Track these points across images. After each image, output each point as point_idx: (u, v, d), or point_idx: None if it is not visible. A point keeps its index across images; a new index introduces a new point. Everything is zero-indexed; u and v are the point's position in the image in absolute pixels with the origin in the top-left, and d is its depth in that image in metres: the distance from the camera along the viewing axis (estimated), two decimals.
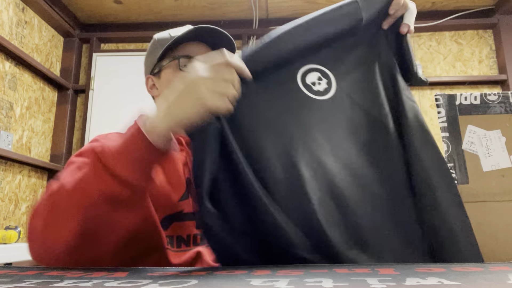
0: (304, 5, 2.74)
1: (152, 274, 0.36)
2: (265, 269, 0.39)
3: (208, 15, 2.89)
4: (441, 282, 0.30)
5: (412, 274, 0.34)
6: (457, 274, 0.33)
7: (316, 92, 0.60)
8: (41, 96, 2.61)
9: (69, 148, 2.78)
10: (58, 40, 2.84)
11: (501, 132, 0.51)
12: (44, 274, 0.38)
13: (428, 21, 2.76)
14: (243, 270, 0.38)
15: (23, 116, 2.42)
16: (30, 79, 2.48)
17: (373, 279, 0.32)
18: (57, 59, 2.83)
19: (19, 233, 1.90)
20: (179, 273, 0.37)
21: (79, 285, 0.32)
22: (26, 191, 2.43)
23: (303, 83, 0.60)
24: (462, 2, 2.75)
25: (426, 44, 2.84)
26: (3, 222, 2.22)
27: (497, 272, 0.33)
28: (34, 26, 2.55)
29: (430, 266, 0.38)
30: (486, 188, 0.50)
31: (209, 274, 0.36)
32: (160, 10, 2.84)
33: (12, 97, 2.32)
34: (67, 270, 0.40)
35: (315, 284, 0.30)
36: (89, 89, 2.81)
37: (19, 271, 0.40)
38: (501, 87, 2.71)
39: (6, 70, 2.27)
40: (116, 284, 0.32)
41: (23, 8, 2.44)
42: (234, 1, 2.71)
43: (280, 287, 0.29)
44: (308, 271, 0.36)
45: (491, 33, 2.82)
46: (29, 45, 2.50)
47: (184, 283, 0.32)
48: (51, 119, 2.73)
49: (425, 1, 2.71)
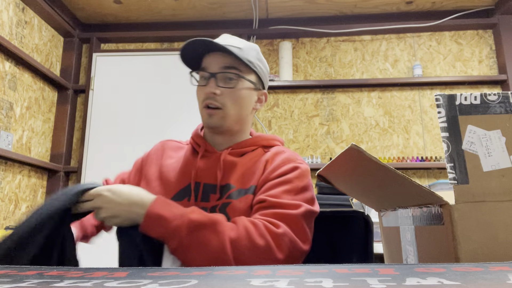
0: (304, 5, 2.74)
1: (152, 274, 0.36)
2: (265, 269, 0.39)
3: (208, 15, 2.89)
4: (441, 282, 0.30)
5: (412, 274, 0.34)
6: (457, 274, 0.33)
7: None
8: (41, 96, 2.61)
9: (69, 148, 2.78)
10: (58, 40, 2.84)
11: (501, 132, 0.51)
12: (44, 274, 0.38)
13: (428, 21, 2.76)
14: (243, 270, 0.38)
15: (23, 116, 2.42)
16: (30, 79, 2.48)
17: (373, 279, 0.32)
18: (57, 59, 2.83)
19: None
20: (179, 273, 0.37)
21: (79, 285, 0.31)
22: (26, 191, 2.43)
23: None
24: (462, 2, 2.75)
25: (426, 44, 2.84)
26: (3, 222, 2.22)
27: (497, 272, 0.33)
28: (34, 26, 2.55)
29: (430, 266, 0.38)
30: (486, 188, 0.50)
31: (209, 274, 0.36)
32: (160, 10, 2.83)
33: (12, 97, 2.32)
34: (67, 270, 0.40)
35: (315, 284, 0.30)
36: (89, 89, 2.81)
37: (19, 271, 0.40)
38: (501, 87, 2.71)
39: (6, 70, 2.27)
40: (116, 284, 0.32)
41: (23, 8, 2.44)
42: (234, 1, 2.71)
43: (280, 287, 0.29)
44: (308, 271, 0.36)
45: (491, 33, 2.82)
46: (29, 45, 2.50)
47: (184, 283, 0.32)
48: (51, 119, 2.73)
49: (425, 1, 2.71)
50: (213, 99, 0.89)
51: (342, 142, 2.73)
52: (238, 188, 0.86)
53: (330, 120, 2.78)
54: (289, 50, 2.83)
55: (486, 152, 0.50)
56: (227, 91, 0.90)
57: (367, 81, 2.73)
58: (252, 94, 0.94)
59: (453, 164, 0.51)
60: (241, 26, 2.92)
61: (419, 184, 0.53)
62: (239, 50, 0.89)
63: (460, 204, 0.49)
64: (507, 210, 0.49)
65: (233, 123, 0.93)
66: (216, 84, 0.89)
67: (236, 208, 0.83)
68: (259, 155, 0.93)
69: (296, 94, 2.85)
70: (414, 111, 2.74)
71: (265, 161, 0.90)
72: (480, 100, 0.52)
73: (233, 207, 0.83)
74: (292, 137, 2.78)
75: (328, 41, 2.91)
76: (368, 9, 2.83)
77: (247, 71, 0.92)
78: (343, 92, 2.82)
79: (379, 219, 0.77)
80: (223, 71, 0.90)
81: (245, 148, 0.94)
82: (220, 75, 0.90)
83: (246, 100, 0.93)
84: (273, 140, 0.98)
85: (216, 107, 0.90)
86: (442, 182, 2.20)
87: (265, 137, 0.98)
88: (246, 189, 0.86)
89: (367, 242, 0.98)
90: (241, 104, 0.92)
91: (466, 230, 0.49)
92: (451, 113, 0.52)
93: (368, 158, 0.55)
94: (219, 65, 0.90)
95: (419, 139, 2.70)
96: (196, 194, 0.87)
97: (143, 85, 2.82)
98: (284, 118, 2.81)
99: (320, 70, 2.88)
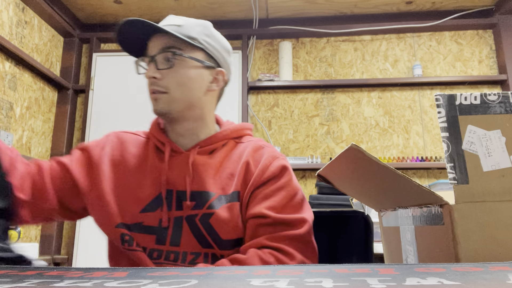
0: (304, 5, 2.74)
1: (152, 274, 0.36)
2: (265, 269, 0.39)
3: (208, 15, 2.89)
4: (441, 282, 0.30)
5: (412, 274, 0.34)
6: (457, 274, 0.33)
7: None
8: (41, 96, 2.61)
9: (69, 148, 2.78)
10: (58, 40, 2.84)
11: (501, 132, 0.51)
12: (44, 274, 0.38)
13: (428, 21, 2.76)
14: (243, 270, 0.38)
15: (23, 116, 2.42)
16: (30, 79, 2.48)
17: (373, 279, 0.32)
18: (57, 59, 2.83)
19: (19, 233, 1.90)
20: (179, 273, 0.37)
21: (79, 285, 0.31)
22: None
23: None
24: (462, 2, 2.75)
25: (426, 44, 2.84)
26: None
27: (497, 272, 0.33)
28: (34, 26, 2.55)
29: (430, 266, 0.38)
30: (486, 188, 0.50)
31: (209, 274, 0.36)
32: (160, 10, 2.84)
33: (12, 97, 2.32)
34: (67, 270, 0.40)
35: (315, 284, 0.30)
36: (89, 89, 2.81)
37: (19, 271, 0.40)
38: (501, 87, 2.71)
39: (6, 70, 2.27)
40: (116, 284, 0.32)
41: (23, 8, 2.44)
42: (234, 1, 2.71)
43: (280, 287, 0.29)
44: (308, 271, 0.36)
45: (491, 33, 2.82)
46: (29, 45, 2.50)
47: (184, 283, 0.32)
48: (51, 119, 2.73)
49: (425, 1, 2.71)
50: (155, 84, 0.82)
51: (342, 142, 2.73)
52: (219, 195, 0.80)
53: (330, 120, 2.78)
54: (289, 50, 2.83)
55: (486, 152, 0.50)
56: (168, 73, 0.82)
57: (367, 81, 2.73)
58: (202, 73, 0.84)
59: (453, 164, 0.51)
60: (241, 26, 2.92)
61: (419, 184, 0.53)
62: (177, 28, 0.82)
63: (460, 204, 0.49)
64: (507, 210, 0.49)
65: (183, 107, 0.83)
66: (156, 68, 0.82)
67: (221, 219, 0.78)
68: (232, 150, 0.86)
69: (296, 94, 2.85)
70: (414, 111, 2.74)
71: (245, 162, 0.83)
72: (480, 100, 0.52)
73: (217, 218, 0.78)
74: (292, 137, 2.77)
75: (328, 41, 2.91)
76: (368, 9, 2.83)
77: (189, 49, 0.83)
78: (343, 92, 2.82)
79: (379, 219, 0.77)
80: (160, 52, 0.82)
81: (214, 144, 0.86)
82: (159, 56, 0.82)
83: (194, 80, 0.83)
84: (243, 130, 0.91)
85: (160, 91, 0.82)
86: (442, 182, 2.20)
87: (234, 128, 0.90)
88: (227, 195, 0.80)
89: (367, 242, 0.98)
90: (189, 86, 0.83)
91: (466, 230, 0.49)
92: (451, 113, 0.52)
93: (368, 158, 0.55)
94: (158, 47, 0.82)
95: (419, 139, 2.70)
96: (170, 204, 0.80)
97: (143, 85, 2.81)
98: (284, 118, 2.81)
99: (320, 70, 2.88)
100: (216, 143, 0.86)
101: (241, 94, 2.74)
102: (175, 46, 0.82)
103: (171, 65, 0.81)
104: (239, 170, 0.82)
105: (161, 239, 0.79)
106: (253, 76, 2.92)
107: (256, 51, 2.95)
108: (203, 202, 0.79)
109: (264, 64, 2.94)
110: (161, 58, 0.82)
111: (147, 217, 0.80)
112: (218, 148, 0.86)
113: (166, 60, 0.82)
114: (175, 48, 0.82)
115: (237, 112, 2.71)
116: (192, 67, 0.83)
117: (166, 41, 0.82)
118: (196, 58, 0.83)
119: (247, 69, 2.80)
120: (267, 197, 0.80)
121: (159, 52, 0.82)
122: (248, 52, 2.88)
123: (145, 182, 0.83)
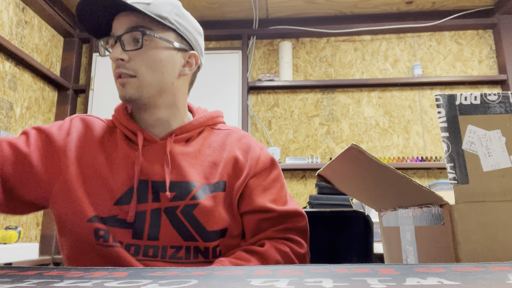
0: (304, 5, 2.74)
1: (152, 274, 0.36)
2: (265, 269, 0.39)
3: (208, 15, 2.89)
4: (441, 282, 0.30)
5: (412, 274, 0.34)
6: (457, 274, 0.33)
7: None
8: (41, 96, 2.61)
9: None
10: (58, 40, 2.84)
11: (501, 132, 0.51)
12: (44, 274, 0.38)
13: (428, 21, 2.76)
14: (243, 270, 0.38)
15: (23, 116, 2.42)
16: (30, 79, 2.48)
17: (373, 279, 0.32)
18: (57, 59, 2.83)
19: (19, 233, 1.90)
20: (179, 273, 0.37)
21: (79, 285, 0.32)
22: None
23: None
24: (462, 2, 2.75)
25: (426, 44, 2.84)
26: (3, 222, 2.21)
27: (497, 272, 0.33)
28: (34, 26, 2.55)
29: (430, 266, 0.38)
30: (486, 188, 0.50)
31: (209, 274, 0.36)
32: None
33: (12, 97, 2.32)
34: (67, 270, 0.40)
35: (315, 284, 0.30)
36: (89, 89, 2.81)
37: (19, 271, 0.40)
38: (501, 87, 2.71)
39: (6, 70, 2.27)
40: (116, 284, 0.32)
41: (23, 8, 2.44)
42: (234, 1, 2.71)
43: (280, 287, 0.29)
44: (308, 271, 0.36)
45: (491, 33, 2.82)
46: (29, 45, 2.50)
47: (184, 283, 0.32)
48: (51, 119, 2.73)
49: (425, 1, 2.71)
50: (122, 67, 0.75)
51: (342, 142, 2.73)
52: (202, 184, 0.76)
53: (330, 120, 2.78)
54: (289, 50, 2.83)
55: (486, 152, 0.50)
56: (136, 55, 0.75)
57: (367, 81, 2.73)
58: (173, 55, 0.78)
59: (453, 164, 0.51)
60: (241, 26, 2.92)
61: (419, 184, 0.53)
62: (146, 6, 0.75)
63: (460, 204, 0.49)
64: (507, 210, 0.49)
65: (155, 93, 0.77)
66: (123, 49, 0.74)
67: (206, 210, 0.74)
68: (208, 137, 0.83)
69: (296, 94, 2.85)
70: (414, 111, 2.74)
71: (231, 151, 0.80)
72: (480, 100, 0.52)
73: (202, 209, 0.74)
74: (292, 137, 2.78)
75: (328, 41, 2.91)
76: (368, 9, 2.83)
77: (159, 29, 0.76)
78: (343, 92, 2.82)
79: (379, 219, 0.77)
80: (127, 31, 0.75)
81: (190, 132, 0.81)
82: (126, 36, 0.75)
83: (165, 63, 0.77)
84: (218, 117, 0.87)
85: (128, 75, 0.75)
86: (442, 182, 2.20)
87: (210, 116, 0.85)
88: (211, 184, 0.76)
89: (367, 242, 0.98)
90: (160, 69, 0.76)
91: (466, 230, 0.49)
92: (451, 113, 0.52)
93: (368, 158, 0.55)
94: (124, 27, 0.75)
95: (419, 139, 2.70)
96: (145, 196, 0.74)
97: None
98: (284, 118, 2.81)
99: (320, 70, 2.88)
100: (192, 131, 0.81)
101: (241, 94, 2.74)
102: (144, 25, 0.75)
103: (139, 46, 0.74)
104: (224, 159, 0.79)
105: (138, 233, 0.73)
106: (253, 76, 2.92)
107: (256, 51, 2.96)
108: (185, 193, 0.74)
109: (264, 64, 2.94)
110: (128, 38, 0.75)
111: (121, 210, 0.74)
112: (194, 136, 0.82)
113: (134, 40, 0.75)
114: (143, 27, 0.75)
115: (237, 112, 2.71)
116: (163, 48, 0.76)
117: (134, 19, 0.75)
118: (167, 39, 0.77)
119: (247, 69, 2.80)
120: (266, 189, 0.80)
121: (126, 31, 0.75)
122: (248, 52, 2.88)
123: (116, 172, 0.76)
